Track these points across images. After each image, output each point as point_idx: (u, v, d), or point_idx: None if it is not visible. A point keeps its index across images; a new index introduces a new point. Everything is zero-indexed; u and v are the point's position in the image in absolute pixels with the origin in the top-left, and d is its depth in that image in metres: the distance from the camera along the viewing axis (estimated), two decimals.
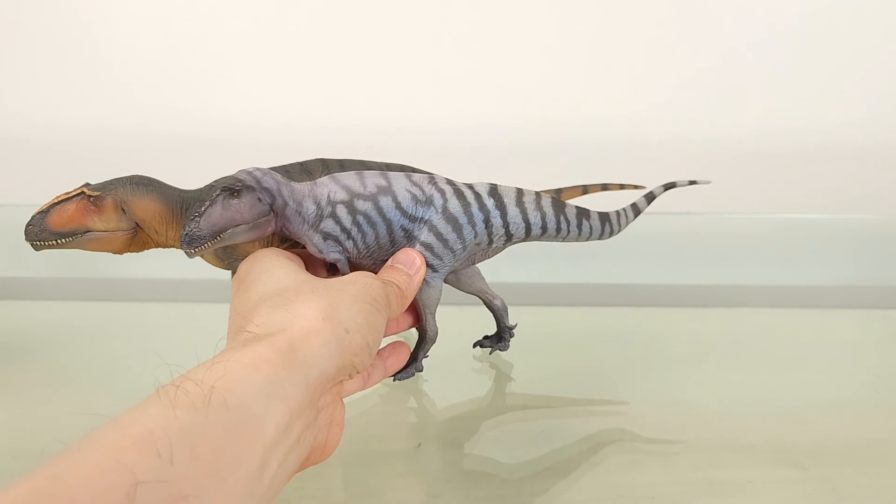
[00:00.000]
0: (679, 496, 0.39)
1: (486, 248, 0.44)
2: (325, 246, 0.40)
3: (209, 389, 0.27)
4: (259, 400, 0.28)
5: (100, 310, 0.68)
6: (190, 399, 0.26)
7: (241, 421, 0.27)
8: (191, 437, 0.25)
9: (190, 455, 0.25)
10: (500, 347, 0.52)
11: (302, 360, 0.31)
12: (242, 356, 0.30)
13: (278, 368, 0.30)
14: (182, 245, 0.38)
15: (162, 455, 0.24)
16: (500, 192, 0.44)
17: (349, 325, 0.33)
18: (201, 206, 0.37)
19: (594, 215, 0.46)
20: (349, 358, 0.33)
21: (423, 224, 0.42)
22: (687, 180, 0.50)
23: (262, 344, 0.30)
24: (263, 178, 0.39)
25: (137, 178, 0.43)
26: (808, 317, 0.67)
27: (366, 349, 0.34)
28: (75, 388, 0.52)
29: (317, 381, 0.31)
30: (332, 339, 0.32)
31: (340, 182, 0.41)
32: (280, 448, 0.29)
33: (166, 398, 0.26)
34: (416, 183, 0.42)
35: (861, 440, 0.45)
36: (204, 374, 0.28)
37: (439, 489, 0.40)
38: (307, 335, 0.32)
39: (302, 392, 0.30)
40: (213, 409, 0.26)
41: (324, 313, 0.33)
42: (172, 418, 0.25)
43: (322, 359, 0.32)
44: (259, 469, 0.27)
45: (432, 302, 0.44)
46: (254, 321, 0.33)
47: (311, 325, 0.32)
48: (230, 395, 0.27)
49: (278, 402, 0.29)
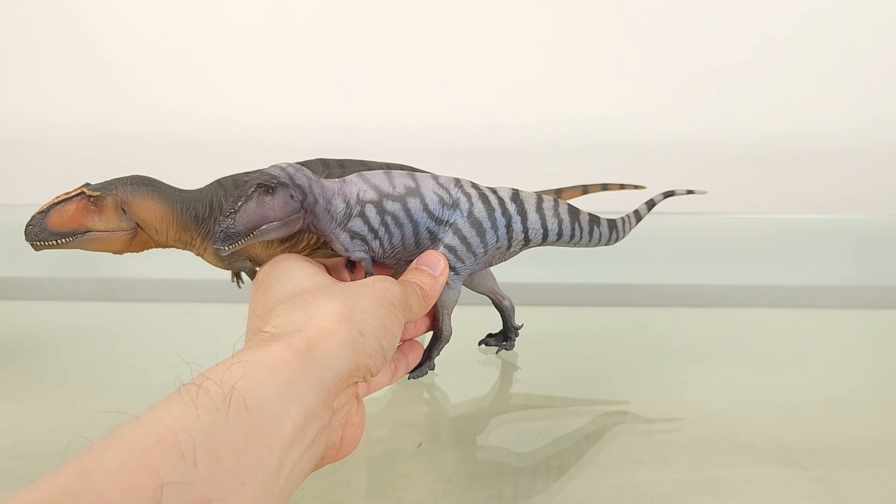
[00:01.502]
0: (679, 496, 0.39)
1: (503, 252, 0.45)
2: (351, 245, 0.41)
3: (229, 390, 0.27)
4: (277, 401, 0.28)
5: (100, 310, 0.68)
6: (211, 399, 0.26)
7: (260, 422, 0.27)
8: (212, 438, 0.25)
9: (212, 456, 0.25)
10: (505, 346, 0.53)
11: (318, 362, 0.31)
12: (260, 356, 0.30)
13: (295, 369, 0.30)
14: (216, 242, 0.37)
15: (186, 456, 0.24)
16: (522, 198, 0.44)
17: (364, 328, 0.34)
18: (236, 203, 0.37)
19: (604, 222, 0.47)
20: (363, 360, 0.33)
21: (447, 227, 0.42)
22: (685, 189, 0.51)
23: (280, 344, 0.31)
24: (296, 175, 0.39)
25: (138, 179, 0.43)
26: (808, 317, 0.67)
27: (380, 352, 0.34)
28: (75, 388, 0.52)
29: (332, 383, 0.31)
30: (348, 340, 0.32)
31: (370, 181, 0.41)
32: (296, 449, 0.29)
33: (188, 397, 0.26)
34: (443, 185, 0.42)
35: (861, 440, 0.45)
36: (224, 374, 0.28)
37: (440, 488, 0.40)
38: (323, 336, 0.32)
39: (317, 393, 0.30)
40: (234, 410, 0.26)
41: (340, 315, 0.33)
42: (195, 418, 0.25)
43: (337, 360, 0.32)
44: (276, 470, 0.27)
45: (451, 303, 0.44)
46: (271, 322, 0.33)
47: (328, 326, 0.32)
48: (249, 395, 0.27)
49: (295, 403, 0.29)
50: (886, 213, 0.98)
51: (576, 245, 0.47)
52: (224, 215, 0.37)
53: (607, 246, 0.49)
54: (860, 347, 0.60)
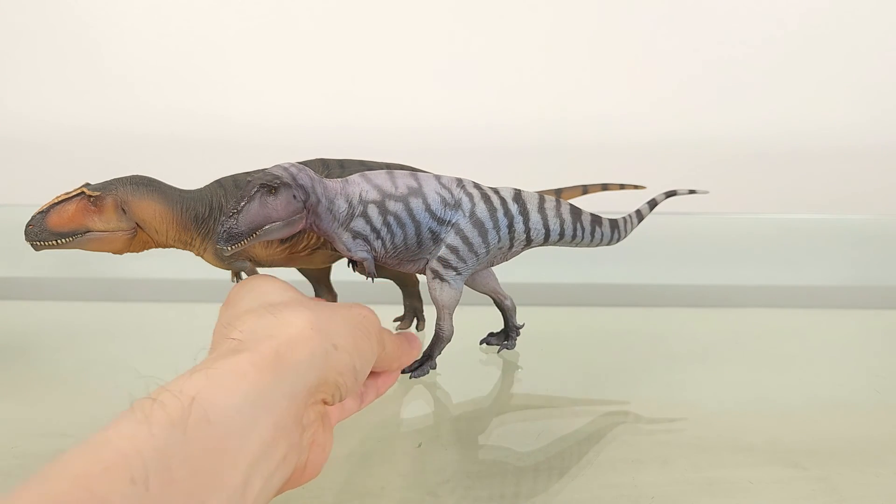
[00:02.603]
0: (679, 496, 0.39)
1: (505, 252, 0.45)
2: (353, 244, 0.41)
3: (189, 402, 0.25)
4: (244, 410, 0.26)
5: (100, 310, 0.68)
6: (167, 414, 0.24)
7: (223, 435, 0.25)
8: (167, 458, 0.23)
9: (166, 478, 0.23)
10: (506, 346, 0.53)
11: (289, 369, 0.29)
12: (226, 363, 0.28)
13: (265, 375, 0.28)
14: (219, 242, 0.37)
15: (136, 480, 0.22)
16: (524, 198, 0.44)
17: (338, 342, 0.32)
18: (239, 203, 0.37)
19: (605, 222, 0.47)
20: (334, 376, 0.31)
21: (450, 227, 0.42)
22: (687, 189, 0.51)
23: (248, 351, 0.29)
24: (299, 175, 0.39)
25: (137, 179, 0.43)
26: (808, 317, 0.67)
27: (352, 371, 0.32)
28: (75, 388, 0.52)
29: (303, 393, 0.29)
30: (320, 351, 0.31)
31: (372, 181, 0.41)
32: (265, 464, 0.27)
33: (141, 414, 0.24)
34: (446, 185, 0.42)
35: (860, 440, 0.45)
36: (183, 385, 0.26)
37: (440, 489, 0.40)
38: (294, 343, 0.30)
39: (288, 402, 0.28)
40: (194, 424, 0.25)
41: (313, 325, 0.31)
42: (147, 437, 0.24)
43: (309, 370, 0.30)
44: (241, 488, 0.26)
45: (452, 302, 0.44)
46: (238, 328, 0.31)
47: (300, 333, 0.31)
48: (212, 406, 0.26)
49: (264, 412, 0.27)
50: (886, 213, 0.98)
51: (577, 245, 0.47)
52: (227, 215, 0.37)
53: (609, 246, 0.49)
54: (860, 347, 0.60)
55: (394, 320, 0.57)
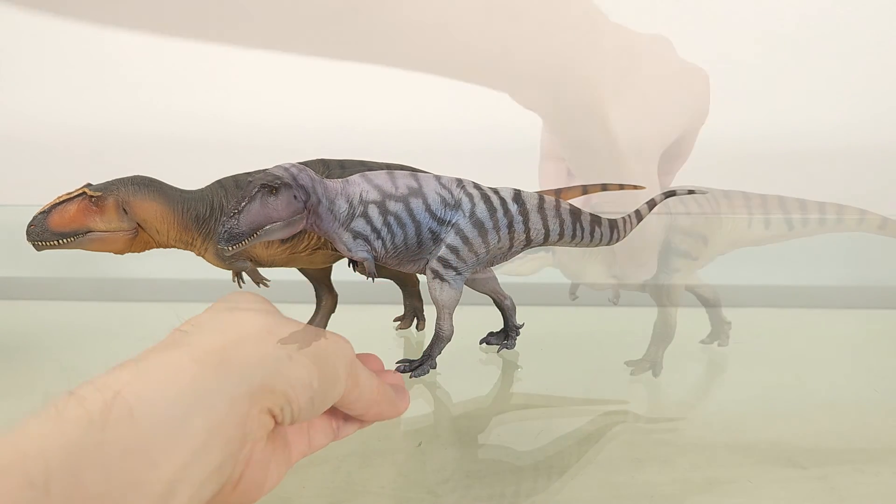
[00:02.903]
0: (679, 496, 0.39)
1: (505, 252, 0.45)
2: (354, 245, 0.41)
3: (112, 396, 0.23)
4: (175, 408, 0.24)
5: (100, 310, 0.68)
6: (85, 409, 0.23)
7: (146, 435, 0.23)
8: (77, 459, 0.22)
9: (72, 481, 0.21)
10: (506, 346, 0.53)
11: (234, 369, 0.27)
12: (162, 356, 0.26)
13: (206, 372, 0.26)
14: (220, 242, 0.37)
15: (35, 483, 0.21)
16: (524, 198, 0.44)
17: (296, 356, 0.29)
18: (239, 203, 0.37)
19: (605, 222, 0.47)
20: (284, 386, 0.28)
21: (450, 227, 0.42)
22: (686, 189, 0.51)
23: (190, 345, 0.27)
24: (300, 175, 0.39)
25: (139, 179, 0.43)
26: (808, 317, 0.67)
27: (307, 389, 0.29)
28: None
29: (244, 397, 0.26)
30: (272, 356, 0.28)
31: (373, 182, 0.41)
32: (195, 471, 0.24)
33: (54, 411, 0.23)
34: (446, 185, 0.43)
35: (860, 439, 0.45)
36: (109, 378, 0.24)
37: (440, 488, 0.40)
38: (244, 342, 0.28)
39: (229, 406, 0.26)
40: (114, 422, 0.23)
41: (271, 330, 0.29)
42: (56, 436, 0.22)
43: (256, 372, 0.27)
44: (163, 494, 0.23)
45: (452, 302, 0.45)
46: (190, 321, 0.29)
47: (255, 333, 0.28)
48: (139, 402, 0.24)
49: (198, 412, 0.25)
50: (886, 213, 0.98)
51: (577, 245, 0.47)
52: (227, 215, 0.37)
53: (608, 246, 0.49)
54: (860, 347, 0.60)
55: (394, 320, 0.57)
